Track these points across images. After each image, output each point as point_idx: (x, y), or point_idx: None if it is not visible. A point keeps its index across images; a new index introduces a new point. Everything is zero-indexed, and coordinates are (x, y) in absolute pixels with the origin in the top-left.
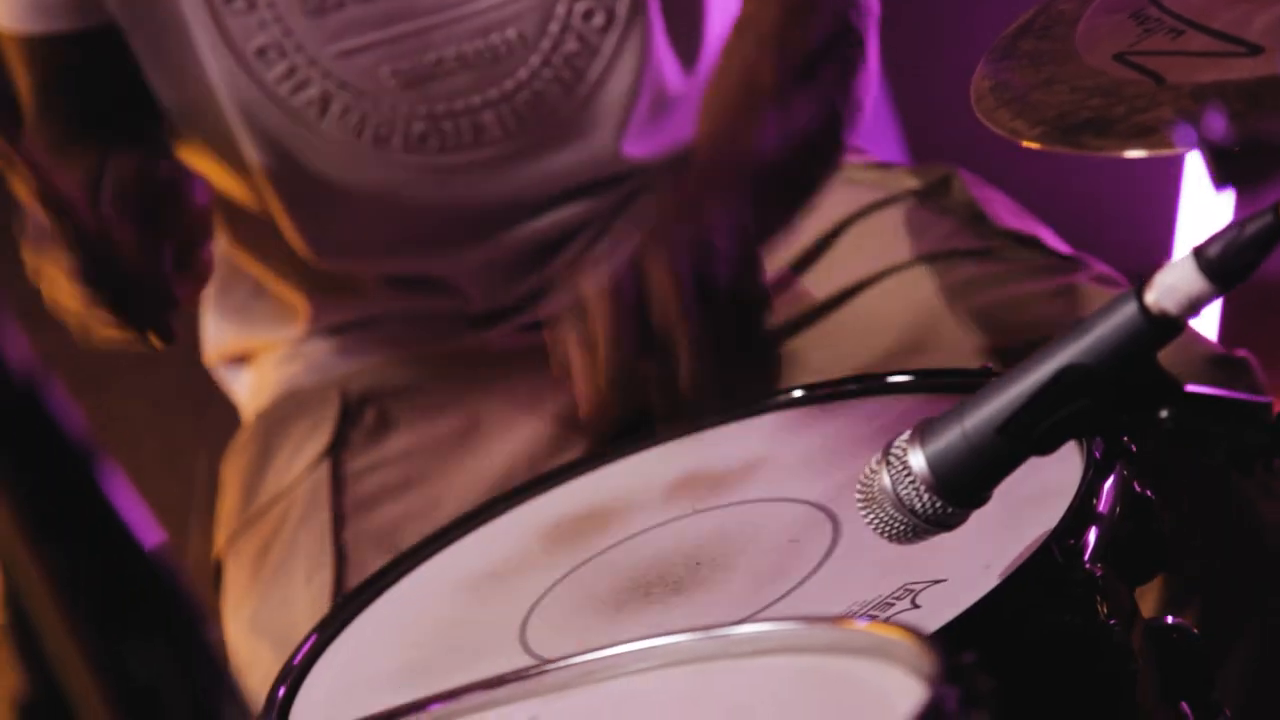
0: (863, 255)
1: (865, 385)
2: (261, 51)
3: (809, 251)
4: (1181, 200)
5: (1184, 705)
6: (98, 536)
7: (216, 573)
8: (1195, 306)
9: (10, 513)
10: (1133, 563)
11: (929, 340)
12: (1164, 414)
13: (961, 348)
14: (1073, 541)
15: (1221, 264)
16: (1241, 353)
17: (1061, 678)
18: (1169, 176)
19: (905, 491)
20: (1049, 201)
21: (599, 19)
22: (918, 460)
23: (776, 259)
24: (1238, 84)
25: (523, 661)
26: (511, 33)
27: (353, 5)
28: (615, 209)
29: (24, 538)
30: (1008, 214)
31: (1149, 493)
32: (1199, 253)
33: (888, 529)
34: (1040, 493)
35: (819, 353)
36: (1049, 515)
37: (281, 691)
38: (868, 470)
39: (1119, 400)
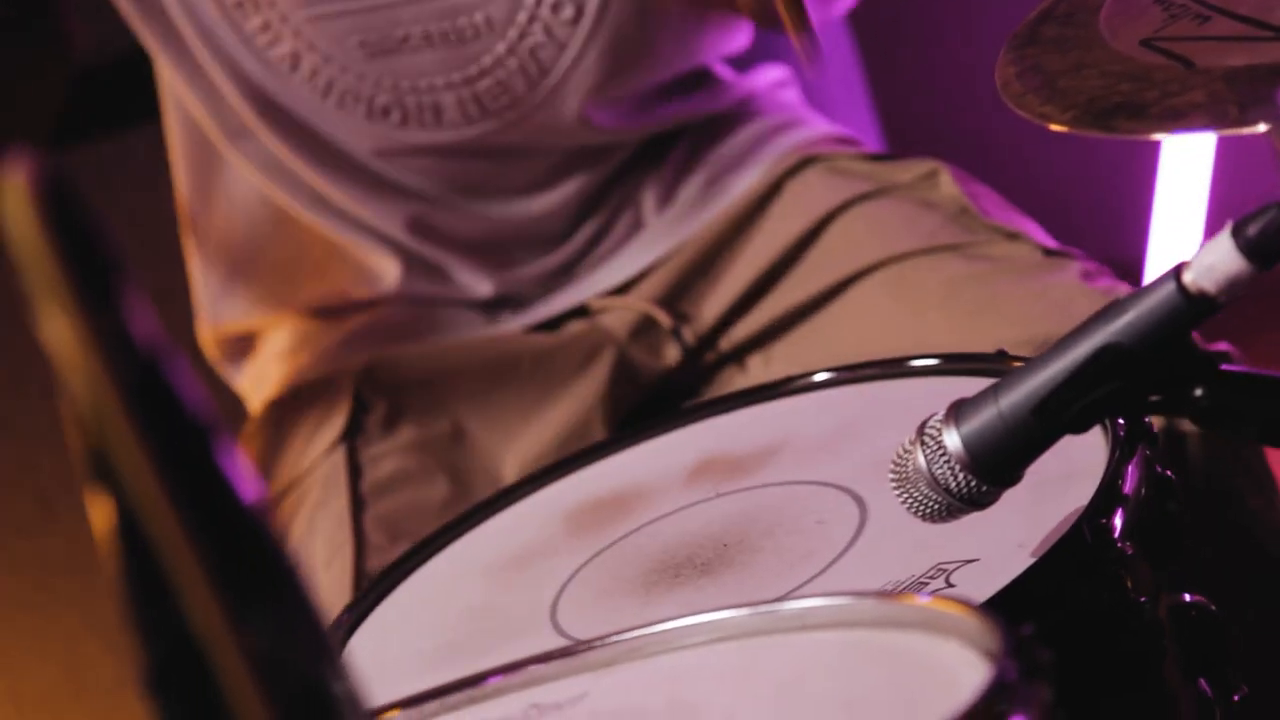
0: (853, 246)
1: (886, 369)
2: (239, 4)
3: (800, 239)
4: (1157, 193)
5: (1202, 682)
6: (220, 506)
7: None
8: (1234, 286)
9: (155, 478)
10: (1156, 542)
11: (918, 333)
12: (1198, 392)
13: (950, 341)
14: (1103, 521)
15: (1261, 243)
16: (1222, 345)
17: (1093, 655)
18: (1144, 168)
19: (940, 470)
20: (1026, 195)
21: (568, 11)
22: (953, 440)
23: (767, 247)
24: (1270, 67)
25: (556, 642)
26: (479, 17)
27: None
28: (609, 184)
29: (168, 503)
30: (995, 208)
31: (1169, 473)
32: (1237, 231)
33: (921, 508)
34: (1063, 473)
35: (809, 343)
36: (1074, 495)
37: None
38: (900, 450)
39: (1154, 379)
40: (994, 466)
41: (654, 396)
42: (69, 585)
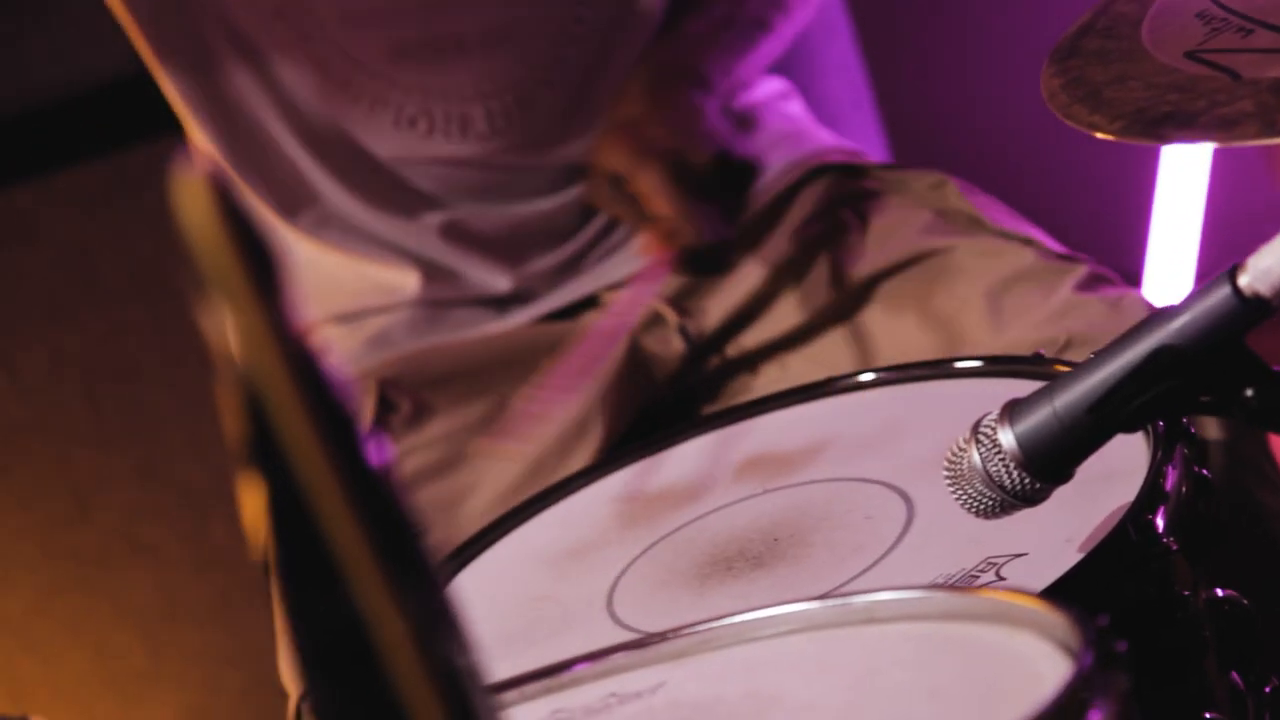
0: (870, 251)
1: (934, 369)
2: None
3: (813, 241)
4: (1155, 203)
5: (1234, 675)
6: (374, 488)
7: (266, 560)
8: None
9: (325, 462)
10: (1194, 538)
11: (933, 338)
12: (1249, 392)
13: (970, 342)
14: (1148, 518)
15: None
16: None
17: (1139, 648)
18: (1142, 177)
19: (994, 468)
20: (1023, 205)
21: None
22: (1007, 438)
23: (776, 250)
24: None
25: (614, 632)
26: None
27: None
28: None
29: (337, 485)
30: (1003, 217)
31: (1205, 472)
32: None
33: (975, 504)
34: (1104, 472)
35: (827, 352)
36: (1116, 493)
37: None
38: (954, 448)
39: (1207, 380)
40: (1047, 464)
41: (662, 394)
42: (102, 576)
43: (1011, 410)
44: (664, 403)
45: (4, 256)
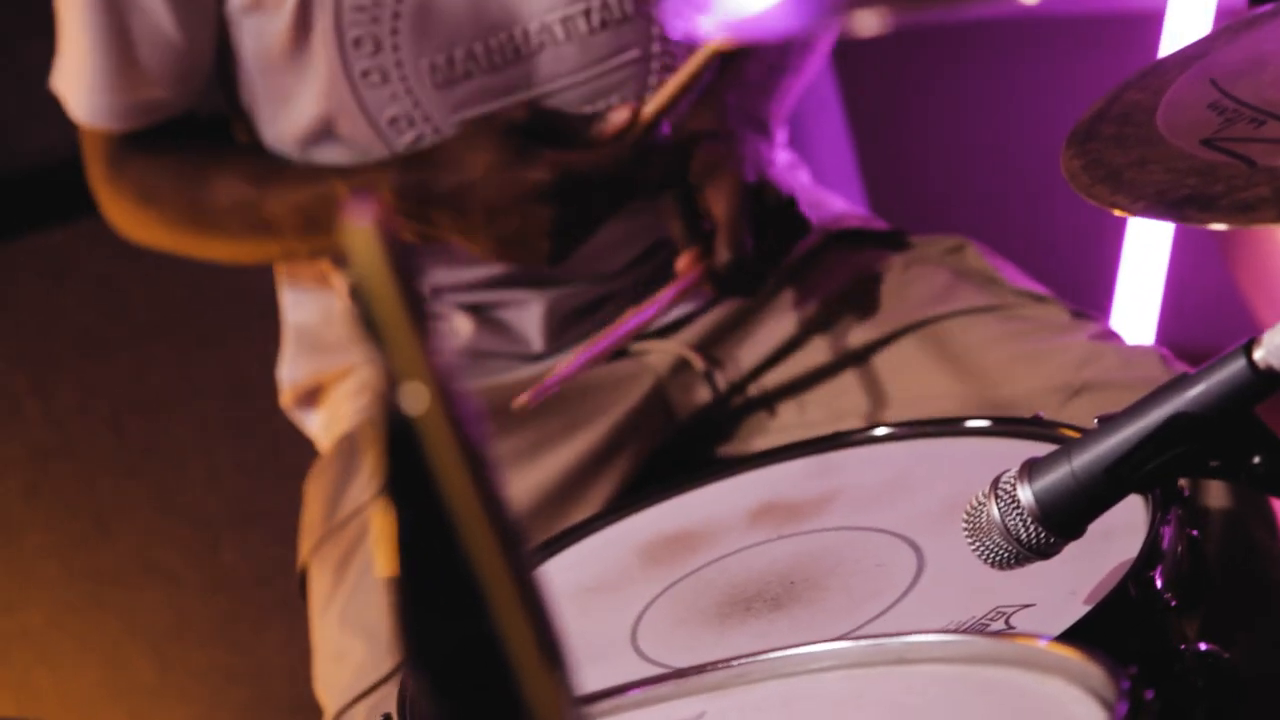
0: (891, 308)
1: (942, 427)
2: (393, 121)
3: (838, 298)
4: (1120, 267)
5: None
6: (503, 516)
7: (302, 578)
8: None
9: (474, 490)
10: (1185, 595)
11: (956, 387)
12: (1256, 460)
13: (988, 390)
14: (1149, 575)
15: None
16: None
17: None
18: (1109, 244)
19: (1012, 522)
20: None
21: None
22: (1025, 494)
23: (805, 303)
24: None
25: (639, 665)
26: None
27: (480, 76)
28: (649, 230)
29: (484, 512)
30: (1019, 278)
31: (1195, 533)
32: None
33: (992, 556)
34: (1104, 529)
35: (849, 396)
36: (1117, 548)
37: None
38: (974, 502)
39: (1218, 446)
40: (1062, 520)
41: (685, 434)
42: (117, 595)
43: (1030, 468)
44: (680, 439)
45: (40, 292)
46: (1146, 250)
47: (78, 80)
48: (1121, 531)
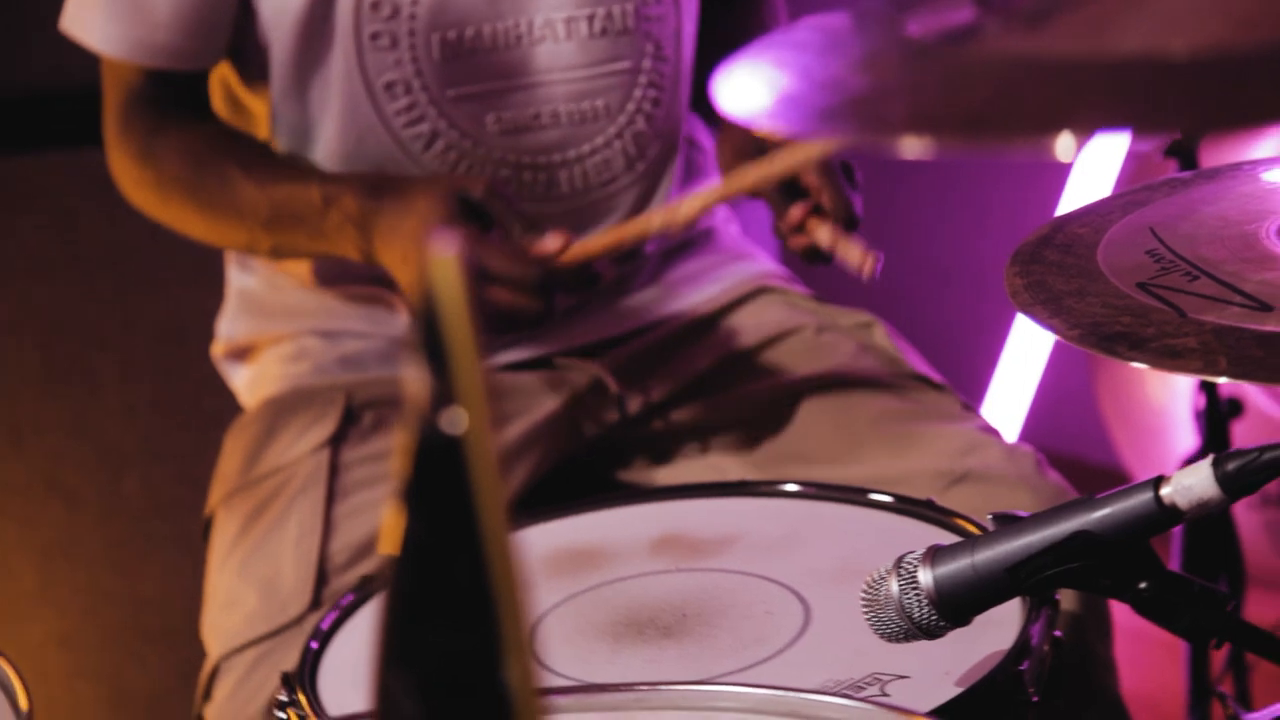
0: (800, 366)
1: (845, 494)
2: (389, 85)
3: (752, 349)
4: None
5: None
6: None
7: (206, 525)
8: (1203, 508)
9: (502, 502)
10: (1045, 691)
11: (850, 453)
12: (1143, 585)
13: (877, 464)
14: (1017, 668)
15: (1236, 479)
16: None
17: None
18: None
19: (909, 600)
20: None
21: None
22: (926, 577)
23: (720, 348)
24: (1255, 334)
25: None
26: (600, 102)
27: (481, 55)
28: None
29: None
30: (919, 363)
31: (1059, 634)
32: (1218, 464)
33: (883, 628)
34: (981, 618)
35: (750, 443)
36: (991, 638)
37: (314, 645)
38: (875, 575)
39: (1111, 566)
40: (955, 607)
41: (587, 453)
42: (16, 505)
43: (934, 554)
44: (580, 458)
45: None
46: (1025, 357)
47: (92, 8)
48: (996, 623)
